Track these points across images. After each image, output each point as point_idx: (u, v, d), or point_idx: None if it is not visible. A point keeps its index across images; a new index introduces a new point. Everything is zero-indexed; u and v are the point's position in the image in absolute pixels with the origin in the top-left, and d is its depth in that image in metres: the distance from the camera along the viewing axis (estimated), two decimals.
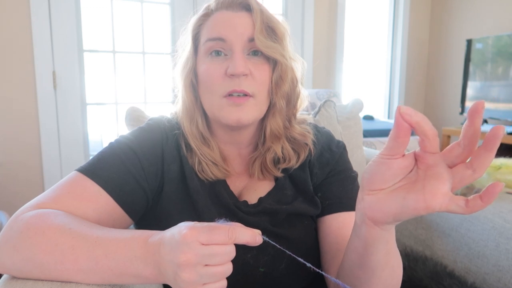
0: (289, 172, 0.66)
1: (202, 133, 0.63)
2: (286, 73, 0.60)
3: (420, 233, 0.97)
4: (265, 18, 0.59)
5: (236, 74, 0.56)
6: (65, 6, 1.99)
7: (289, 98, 0.63)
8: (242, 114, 0.57)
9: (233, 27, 0.57)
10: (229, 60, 0.57)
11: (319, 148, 0.68)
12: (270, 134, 0.63)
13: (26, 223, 0.46)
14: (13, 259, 0.44)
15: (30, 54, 1.94)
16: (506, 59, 2.53)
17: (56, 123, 2.05)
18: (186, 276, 0.38)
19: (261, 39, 0.57)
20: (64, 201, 0.51)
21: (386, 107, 3.38)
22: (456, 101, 3.06)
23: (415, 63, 3.33)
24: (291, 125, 0.65)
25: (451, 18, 3.17)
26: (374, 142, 2.25)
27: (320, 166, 0.67)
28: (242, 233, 0.40)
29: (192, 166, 0.62)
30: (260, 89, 0.59)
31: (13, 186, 1.98)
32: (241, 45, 0.58)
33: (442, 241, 0.91)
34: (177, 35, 0.68)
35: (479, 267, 0.81)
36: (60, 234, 0.44)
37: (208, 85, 0.59)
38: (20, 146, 1.98)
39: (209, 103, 0.60)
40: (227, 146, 0.66)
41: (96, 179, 0.54)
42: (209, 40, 0.59)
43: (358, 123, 1.28)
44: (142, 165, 0.58)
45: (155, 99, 2.33)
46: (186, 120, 0.63)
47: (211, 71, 0.58)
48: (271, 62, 0.60)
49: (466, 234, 0.85)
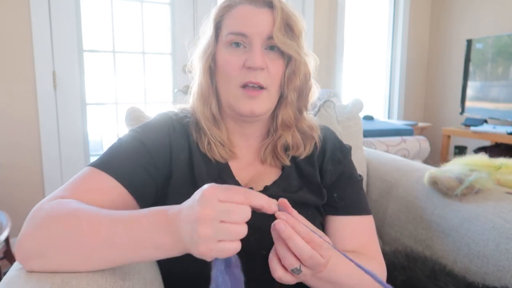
0: (296, 161, 0.70)
1: (214, 115, 0.67)
2: (299, 68, 0.64)
3: (420, 233, 0.97)
4: (285, 15, 0.62)
5: (254, 67, 0.60)
6: (65, 6, 1.99)
7: (300, 91, 0.67)
8: (256, 106, 0.62)
9: (255, 24, 0.61)
10: (248, 53, 0.62)
11: (331, 145, 0.73)
12: (282, 124, 0.67)
13: (49, 209, 0.49)
14: (36, 241, 0.46)
15: (30, 54, 1.94)
16: (506, 59, 2.53)
17: (56, 123, 2.05)
18: (202, 231, 0.40)
19: (279, 36, 0.61)
20: (81, 194, 0.53)
21: (386, 107, 3.38)
22: (456, 101, 3.06)
23: (415, 63, 3.33)
24: (301, 116, 0.69)
25: (451, 18, 3.17)
26: (374, 142, 2.25)
27: (333, 163, 0.71)
28: (258, 197, 0.44)
29: (200, 151, 0.66)
30: (273, 82, 0.63)
31: (13, 186, 1.98)
32: (261, 41, 0.62)
33: (442, 241, 0.91)
34: (177, 35, 0.69)
35: (479, 267, 0.81)
36: (81, 215, 0.47)
37: (226, 74, 0.63)
38: (20, 146, 1.98)
39: (225, 91, 0.64)
40: (236, 137, 0.70)
41: (110, 172, 0.56)
42: (232, 33, 0.62)
43: (358, 123, 1.28)
44: (152, 156, 0.61)
45: (155, 99, 2.33)
46: (199, 103, 0.67)
47: (231, 61, 0.62)
48: (285, 57, 0.64)
49: (466, 234, 0.85)
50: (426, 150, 2.37)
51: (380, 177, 1.18)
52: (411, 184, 1.05)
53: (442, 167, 0.97)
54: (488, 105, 2.66)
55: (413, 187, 1.04)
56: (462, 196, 0.90)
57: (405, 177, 1.09)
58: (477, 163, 0.91)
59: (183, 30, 2.27)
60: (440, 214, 0.93)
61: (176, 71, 2.31)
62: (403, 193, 1.06)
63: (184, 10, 2.27)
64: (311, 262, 0.46)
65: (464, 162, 0.93)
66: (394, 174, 1.14)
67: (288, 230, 0.45)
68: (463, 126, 2.82)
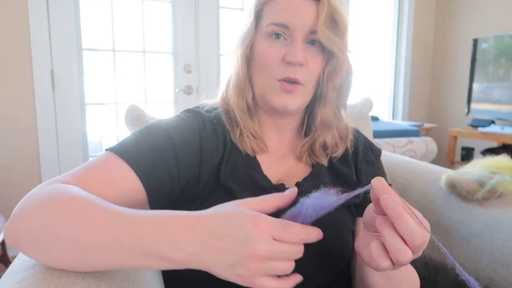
0: (331, 160, 0.68)
1: (249, 106, 0.64)
2: (341, 66, 0.62)
3: (437, 239, 0.92)
4: (331, 9, 0.59)
5: (294, 63, 0.58)
6: (64, 3, 1.95)
7: (341, 90, 0.64)
8: (290, 101, 0.60)
9: (299, 16, 0.58)
10: (289, 46, 0.59)
11: (362, 146, 0.72)
12: (320, 122, 0.65)
13: (48, 193, 0.44)
14: (30, 227, 0.41)
15: (27, 53, 1.90)
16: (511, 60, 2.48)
17: (55, 123, 2.00)
18: (253, 268, 0.38)
19: (324, 30, 0.58)
20: (88, 183, 0.48)
21: (390, 108, 3.33)
22: (462, 101, 3.01)
23: (420, 63, 3.28)
24: (341, 116, 0.68)
25: (457, 16, 3.12)
26: (380, 143, 2.20)
27: (366, 164, 0.70)
28: (312, 235, 0.42)
29: (233, 142, 0.63)
30: (311, 79, 0.61)
31: (9, 188, 1.92)
32: (303, 35, 0.59)
33: (462, 249, 0.85)
34: (178, 33, 0.66)
35: (505, 277, 0.75)
36: (82, 205, 0.42)
37: (265, 66, 0.60)
38: (17, 147, 1.93)
39: (261, 83, 0.62)
40: (268, 130, 0.67)
41: (127, 159, 0.52)
42: (273, 24, 0.59)
43: (368, 123, 1.23)
44: (176, 153, 0.56)
45: (156, 99, 2.28)
46: (234, 93, 0.64)
47: (270, 53, 0.60)
48: (326, 53, 0.61)
49: (489, 241, 0.79)
50: (433, 152, 2.32)
51: (392, 179, 1.13)
52: (426, 187, 1.00)
53: (461, 169, 0.92)
54: (495, 106, 2.61)
55: (429, 190, 0.98)
56: (483, 200, 0.84)
57: (419, 179, 1.04)
58: (499, 165, 0.85)
59: (185, 28, 2.22)
60: (459, 219, 0.87)
61: (178, 70, 2.26)
62: (418, 196, 1.01)
63: (186, 8, 2.22)
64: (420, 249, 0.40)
65: (484, 164, 0.87)
66: (407, 176, 1.08)
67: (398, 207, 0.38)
68: (469, 127, 2.77)
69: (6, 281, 0.43)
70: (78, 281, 0.42)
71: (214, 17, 2.30)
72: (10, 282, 0.42)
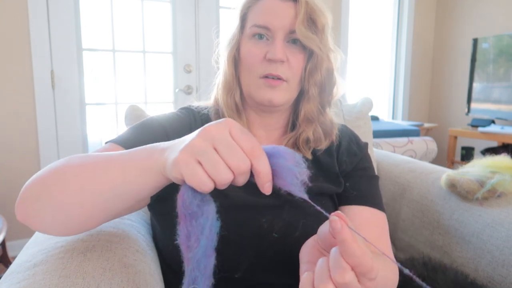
0: (315, 153, 0.70)
1: (237, 104, 0.68)
2: (321, 63, 0.65)
3: (437, 238, 0.92)
4: (309, 9, 0.63)
5: (274, 60, 0.62)
6: (63, 3, 1.94)
7: (322, 86, 0.67)
8: (275, 95, 0.63)
9: (279, 18, 0.62)
10: (270, 45, 0.63)
11: (347, 139, 0.74)
12: (304, 118, 0.68)
13: (50, 166, 0.48)
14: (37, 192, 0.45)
15: (27, 53, 1.89)
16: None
17: (55, 124, 2.00)
18: (194, 141, 0.37)
19: (302, 29, 0.62)
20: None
21: (390, 107, 3.33)
22: (462, 101, 3.01)
23: (420, 63, 3.28)
24: (324, 111, 0.70)
25: (457, 16, 3.11)
26: (380, 143, 2.20)
27: (348, 155, 0.72)
28: (262, 161, 0.38)
29: None
30: (294, 75, 0.64)
31: (9, 189, 1.92)
32: (283, 35, 0.63)
33: (461, 248, 0.85)
34: (178, 33, 0.69)
35: (504, 277, 0.75)
36: (82, 157, 0.47)
37: (248, 65, 0.65)
38: (17, 148, 1.93)
39: (247, 81, 0.66)
40: (256, 128, 0.71)
41: (126, 146, 0.57)
42: (255, 26, 0.64)
43: (367, 123, 1.23)
44: (170, 140, 0.60)
45: (156, 99, 2.28)
46: (223, 92, 0.69)
47: (253, 53, 0.64)
48: (307, 51, 0.65)
49: (489, 240, 0.79)
50: (433, 151, 2.32)
51: (391, 179, 1.13)
52: (426, 187, 1.00)
53: (461, 169, 0.92)
54: (495, 105, 2.61)
55: (428, 189, 0.98)
56: (483, 200, 0.84)
57: (419, 179, 1.04)
58: (499, 165, 0.85)
59: (185, 28, 2.22)
60: (459, 219, 0.87)
61: (177, 70, 2.26)
62: (418, 196, 1.01)
63: (186, 8, 2.22)
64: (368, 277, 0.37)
65: (484, 164, 0.87)
66: (407, 176, 1.08)
67: (346, 231, 0.36)
68: (469, 126, 2.77)
69: (6, 281, 0.43)
70: (78, 282, 0.42)
71: (214, 17, 2.30)
72: (11, 282, 0.42)
